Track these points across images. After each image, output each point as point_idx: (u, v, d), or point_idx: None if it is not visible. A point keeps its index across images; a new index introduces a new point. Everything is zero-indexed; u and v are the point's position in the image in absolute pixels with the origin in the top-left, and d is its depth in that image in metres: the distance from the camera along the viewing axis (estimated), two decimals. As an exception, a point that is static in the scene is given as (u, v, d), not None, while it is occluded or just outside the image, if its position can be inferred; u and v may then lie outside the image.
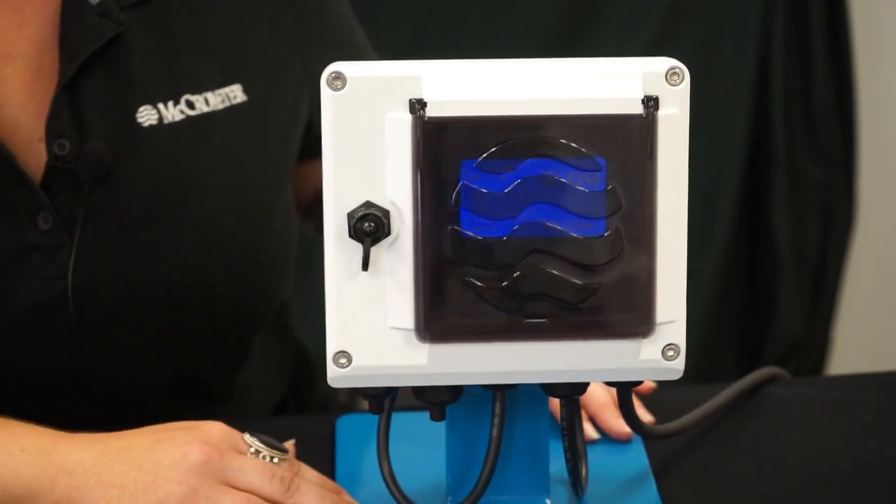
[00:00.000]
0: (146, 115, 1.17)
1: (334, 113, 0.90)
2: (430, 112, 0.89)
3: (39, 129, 1.14)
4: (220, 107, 1.20)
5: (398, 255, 0.91)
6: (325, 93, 0.90)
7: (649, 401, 1.16)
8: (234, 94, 1.21)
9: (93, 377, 1.19)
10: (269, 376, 1.40)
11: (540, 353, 0.93)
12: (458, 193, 0.90)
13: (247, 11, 1.23)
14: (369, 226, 0.90)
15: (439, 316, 0.91)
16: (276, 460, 1.02)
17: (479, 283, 0.91)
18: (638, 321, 0.92)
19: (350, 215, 0.90)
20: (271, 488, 1.00)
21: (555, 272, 0.91)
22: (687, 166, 0.92)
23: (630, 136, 0.90)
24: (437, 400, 0.97)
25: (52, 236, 1.14)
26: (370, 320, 0.92)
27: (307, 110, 1.27)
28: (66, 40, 1.14)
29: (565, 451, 1.01)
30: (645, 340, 0.93)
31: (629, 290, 0.92)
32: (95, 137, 1.14)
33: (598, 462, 1.07)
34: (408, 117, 0.90)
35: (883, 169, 2.37)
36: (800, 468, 1.11)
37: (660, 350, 0.93)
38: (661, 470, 1.10)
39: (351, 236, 0.90)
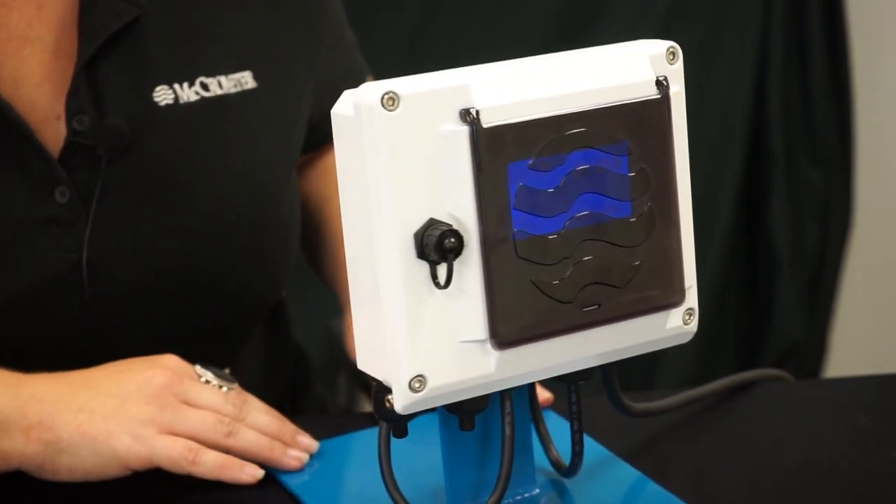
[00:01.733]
0: (162, 95, 1.19)
1: (390, 133, 0.88)
2: (485, 120, 0.89)
3: (57, 108, 1.16)
4: (233, 91, 1.23)
5: (465, 267, 0.90)
6: (380, 114, 0.88)
7: (647, 400, 1.16)
8: (246, 80, 1.23)
9: (101, 355, 1.19)
10: (268, 377, 1.42)
11: (593, 339, 0.95)
12: (516, 196, 0.90)
13: (258, 4, 1.26)
14: (451, 241, 0.88)
15: (511, 321, 0.91)
16: (225, 389, 1.11)
17: (543, 280, 0.91)
18: (672, 291, 0.96)
19: (420, 235, 0.89)
20: (225, 410, 1.10)
21: (604, 258, 0.93)
22: (687, 138, 0.96)
23: (651, 117, 0.94)
24: (474, 409, 0.96)
25: (69, 209, 1.16)
26: (441, 338, 0.91)
27: (310, 105, 1.30)
28: (85, 21, 1.17)
29: (573, 433, 1.03)
30: (674, 309, 0.96)
31: (662, 264, 0.95)
32: (113, 115, 1.16)
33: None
34: (462, 128, 0.89)
35: (880, 171, 2.38)
36: (798, 468, 1.11)
37: (681, 316, 0.98)
38: (654, 471, 1.09)
39: (422, 256, 0.89)
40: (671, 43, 0.95)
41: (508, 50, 1.21)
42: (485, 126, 0.88)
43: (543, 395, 1.16)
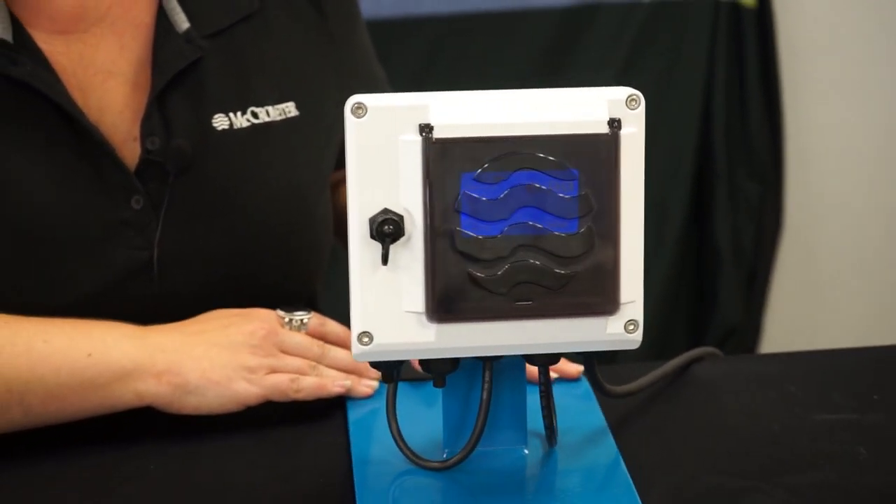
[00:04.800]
0: (219, 122, 1.19)
1: (357, 136, 0.91)
2: (437, 134, 0.90)
3: (134, 131, 1.17)
4: (278, 118, 1.22)
5: (411, 252, 0.91)
6: (350, 120, 0.91)
7: (615, 373, 1.16)
8: (289, 109, 1.23)
9: None
10: None
11: (527, 330, 0.93)
12: (460, 200, 0.90)
13: (299, 44, 1.26)
14: (388, 228, 0.90)
15: (445, 301, 0.92)
16: (305, 320, 1.15)
17: (477, 274, 0.91)
18: (606, 301, 0.93)
19: (371, 220, 0.91)
20: (313, 353, 1.13)
21: (538, 263, 0.91)
22: (643, 175, 0.93)
23: (599, 151, 0.91)
24: (440, 370, 0.97)
25: (142, 214, 1.16)
26: (388, 305, 0.92)
27: (342, 130, 1.29)
28: (157, 60, 1.17)
29: (542, 409, 1.02)
30: (611, 318, 0.94)
31: (598, 277, 0.93)
32: (179, 137, 1.17)
33: (564, 419, 1.07)
34: (418, 139, 0.90)
35: (806, 184, 2.38)
36: (737, 431, 1.11)
37: (622, 325, 0.94)
38: (621, 434, 1.09)
39: (372, 237, 0.91)
40: (633, 91, 0.92)
41: (501, 80, 1.23)
42: (435, 139, 0.90)
43: (570, 368, 1.16)
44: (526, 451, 1.04)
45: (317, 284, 1.34)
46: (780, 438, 1.09)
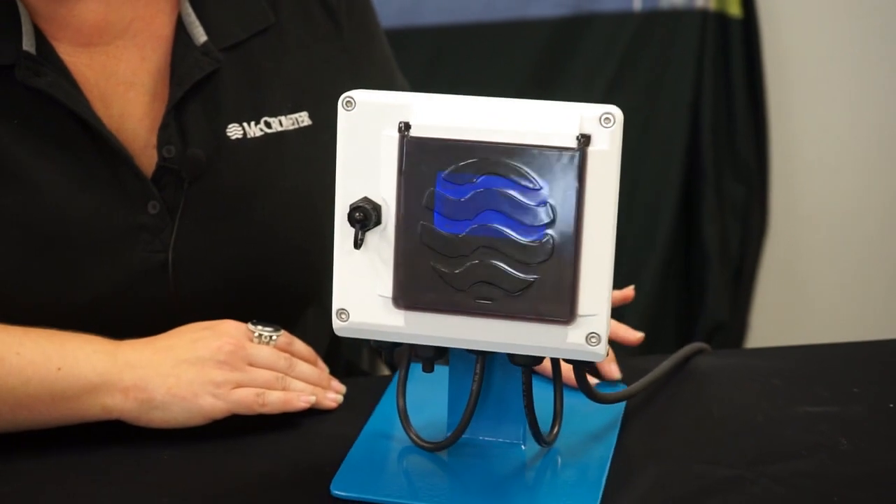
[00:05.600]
0: (233, 131, 1.20)
1: (345, 128, 0.94)
2: (413, 132, 0.92)
3: (152, 139, 1.17)
4: (291, 128, 1.22)
5: (385, 240, 0.94)
6: (341, 112, 0.94)
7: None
8: (302, 119, 1.23)
9: None
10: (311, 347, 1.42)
11: (490, 328, 0.94)
12: (430, 197, 0.92)
13: (314, 56, 1.26)
14: (359, 215, 0.92)
15: (409, 289, 0.94)
16: (274, 337, 1.13)
17: (440, 268, 0.93)
18: (562, 311, 0.92)
19: (351, 206, 0.93)
20: (281, 366, 1.11)
21: (498, 265, 0.92)
22: (615, 192, 0.91)
23: (565, 165, 0.90)
24: (424, 356, 0.98)
25: (158, 219, 1.17)
26: (364, 287, 0.95)
27: None
28: (175, 71, 1.18)
29: (525, 408, 1.00)
30: (569, 327, 0.92)
31: (557, 286, 0.92)
32: (194, 146, 1.17)
33: (583, 419, 1.07)
34: (396, 135, 0.92)
35: (790, 187, 2.39)
36: (723, 422, 1.12)
37: (584, 336, 0.93)
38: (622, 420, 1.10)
39: (349, 223, 0.93)
40: (609, 108, 0.90)
41: (497, 88, 1.23)
42: (411, 136, 0.92)
43: (609, 369, 1.16)
44: (523, 447, 1.04)
45: (327, 286, 1.35)
46: (764, 429, 1.10)
